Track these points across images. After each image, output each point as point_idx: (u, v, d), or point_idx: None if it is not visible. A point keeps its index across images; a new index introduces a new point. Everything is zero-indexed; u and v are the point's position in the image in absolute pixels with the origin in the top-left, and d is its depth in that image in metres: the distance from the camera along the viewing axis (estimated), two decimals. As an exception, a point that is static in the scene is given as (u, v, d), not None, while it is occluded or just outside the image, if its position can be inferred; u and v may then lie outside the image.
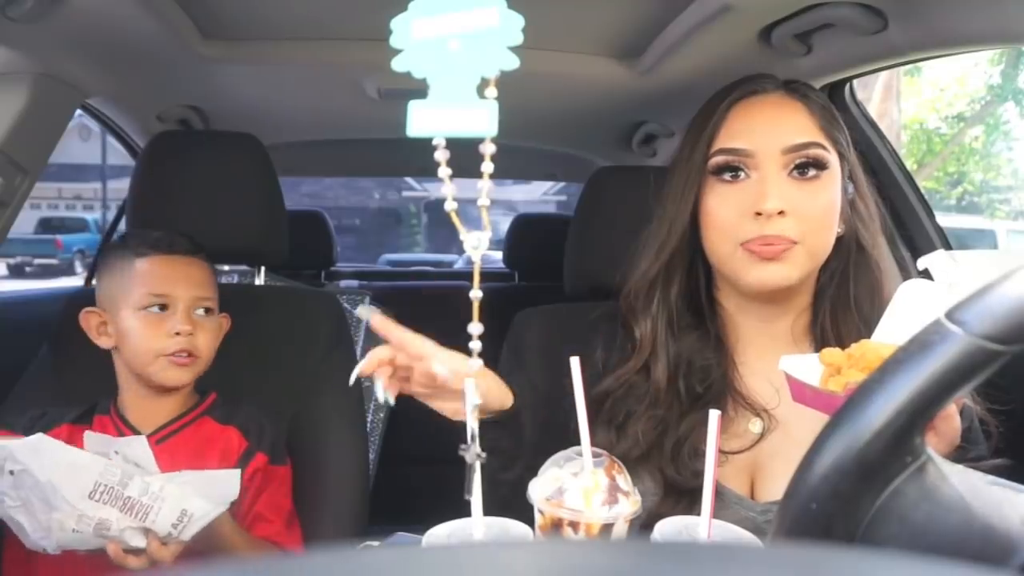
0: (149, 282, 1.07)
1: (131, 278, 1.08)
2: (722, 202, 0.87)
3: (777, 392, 0.88)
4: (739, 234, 0.85)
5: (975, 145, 10.34)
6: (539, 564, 0.21)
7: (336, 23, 1.31)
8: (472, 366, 0.53)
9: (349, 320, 1.81)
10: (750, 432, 0.87)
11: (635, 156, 1.98)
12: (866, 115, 1.46)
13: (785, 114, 0.87)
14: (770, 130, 0.86)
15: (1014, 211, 11.53)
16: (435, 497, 1.07)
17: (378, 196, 15.50)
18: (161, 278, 1.08)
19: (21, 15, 1.00)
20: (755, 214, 0.83)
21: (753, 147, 0.85)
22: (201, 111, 1.75)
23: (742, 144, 0.86)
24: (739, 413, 0.88)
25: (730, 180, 0.86)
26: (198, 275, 1.12)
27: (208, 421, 1.11)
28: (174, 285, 1.08)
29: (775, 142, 0.85)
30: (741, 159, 0.86)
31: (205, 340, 1.10)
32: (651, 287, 0.92)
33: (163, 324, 1.06)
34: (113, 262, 1.11)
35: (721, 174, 0.87)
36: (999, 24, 0.96)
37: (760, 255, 0.84)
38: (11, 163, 1.14)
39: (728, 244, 0.86)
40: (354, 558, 0.21)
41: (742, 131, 0.87)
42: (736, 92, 0.89)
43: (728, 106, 0.89)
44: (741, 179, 0.86)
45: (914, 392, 0.41)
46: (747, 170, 0.86)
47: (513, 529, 0.62)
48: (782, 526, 0.44)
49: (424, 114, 0.43)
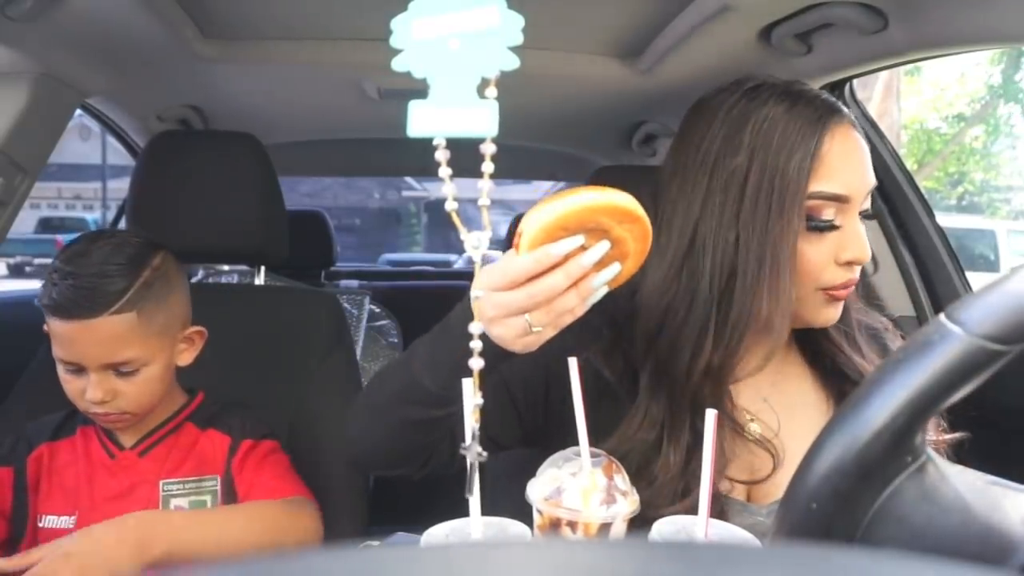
0: (57, 346, 0.96)
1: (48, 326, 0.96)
2: (814, 249, 0.80)
3: (765, 400, 0.87)
4: (824, 279, 0.81)
5: (975, 145, 10.34)
6: (537, 564, 0.21)
7: (336, 23, 1.31)
8: (472, 366, 0.53)
9: (349, 320, 1.82)
10: (753, 433, 0.86)
11: (635, 156, 1.98)
12: (866, 115, 1.46)
13: (864, 150, 0.82)
14: (862, 170, 0.81)
15: (1014, 211, 11.53)
16: (435, 497, 1.08)
17: (378, 196, 15.50)
18: (65, 344, 0.95)
19: (21, 14, 1.00)
20: (846, 263, 0.80)
21: (850, 193, 0.79)
22: (201, 111, 1.75)
23: (842, 190, 0.79)
24: (735, 441, 0.84)
25: (825, 231, 0.80)
26: (110, 336, 0.94)
27: (191, 427, 1.07)
28: (78, 353, 0.95)
29: (866, 185, 0.81)
30: (837, 205, 0.79)
31: (133, 397, 0.97)
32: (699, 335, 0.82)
33: (79, 383, 0.96)
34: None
35: (819, 227, 0.79)
36: (999, 24, 0.96)
37: (838, 298, 0.82)
38: (11, 163, 1.14)
39: (808, 288, 0.81)
40: (354, 558, 0.21)
41: (843, 171, 0.79)
42: (827, 116, 0.80)
43: (822, 133, 0.79)
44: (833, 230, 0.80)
45: (914, 392, 0.41)
46: (837, 219, 0.80)
47: (511, 529, 0.62)
48: (782, 526, 0.44)
49: (424, 114, 0.43)
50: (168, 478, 1.02)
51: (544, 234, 0.63)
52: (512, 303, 0.64)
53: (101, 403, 0.95)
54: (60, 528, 1.00)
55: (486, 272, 0.65)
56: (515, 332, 0.65)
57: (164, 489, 1.02)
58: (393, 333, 2.33)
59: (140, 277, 0.97)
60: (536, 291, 0.63)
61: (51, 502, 1.02)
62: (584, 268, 0.63)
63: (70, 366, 0.96)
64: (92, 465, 1.03)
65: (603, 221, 0.63)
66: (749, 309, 0.80)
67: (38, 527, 1.01)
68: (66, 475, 1.03)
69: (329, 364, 1.29)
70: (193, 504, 1.03)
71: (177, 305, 1.03)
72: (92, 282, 0.94)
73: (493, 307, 0.65)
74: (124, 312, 0.94)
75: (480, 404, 0.54)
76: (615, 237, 0.65)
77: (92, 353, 0.94)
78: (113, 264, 0.96)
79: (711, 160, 0.81)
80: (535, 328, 0.65)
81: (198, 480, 1.03)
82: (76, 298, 0.93)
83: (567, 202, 0.63)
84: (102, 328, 0.93)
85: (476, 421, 0.53)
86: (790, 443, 0.85)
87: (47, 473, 1.03)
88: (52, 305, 0.94)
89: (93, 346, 0.94)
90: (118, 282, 0.95)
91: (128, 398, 0.97)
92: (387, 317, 2.34)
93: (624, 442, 0.81)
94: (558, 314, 0.64)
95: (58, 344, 0.95)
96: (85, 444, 1.04)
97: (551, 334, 0.67)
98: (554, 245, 0.62)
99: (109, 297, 0.94)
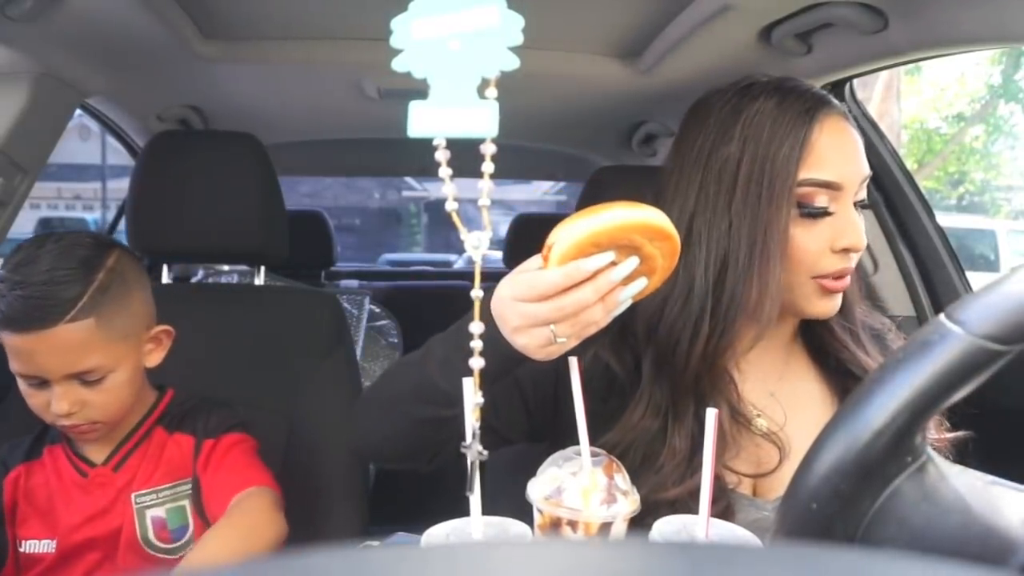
0: (15, 360, 0.90)
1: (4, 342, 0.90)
2: (808, 235, 0.81)
3: (772, 395, 0.88)
4: (817, 267, 0.81)
5: (976, 145, 10.33)
6: (537, 563, 0.21)
7: (336, 23, 1.31)
8: (472, 366, 0.53)
9: (349, 320, 1.82)
10: (756, 447, 0.86)
11: (635, 156, 1.98)
12: (866, 115, 1.46)
13: (856, 140, 0.84)
14: (855, 158, 0.82)
15: (1015, 211, 11.52)
16: (435, 497, 1.07)
17: (378, 196, 15.49)
18: (23, 357, 0.89)
19: (21, 14, 1.00)
20: (842, 250, 0.81)
21: (842, 179, 0.81)
22: (201, 111, 1.75)
23: (833, 177, 0.80)
24: (742, 434, 0.85)
25: (818, 217, 0.81)
26: (71, 344, 0.89)
27: (159, 432, 1.02)
28: (38, 365, 0.89)
29: (858, 173, 0.82)
30: (829, 192, 0.81)
31: (102, 403, 0.93)
32: (695, 324, 0.83)
33: (44, 396, 0.91)
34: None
35: (812, 213, 0.81)
36: (999, 24, 0.96)
37: (832, 289, 0.82)
38: (11, 163, 1.14)
39: (802, 276, 0.82)
40: (354, 558, 0.21)
41: (834, 159, 0.81)
42: (821, 107, 0.82)
43: (811, 123, 0.81)
44: (824, 216, 0.81)
45: (914, 392, 0.41)
46: (830, 206, 0.81)
47: (512, 528, 0.62)
48: (782, 526, 0.44)
49: (424, 114, 0.43)
50: (136, 489, 0.98)
51: (576, 249, 0.63)
52: (539, 314, 0.65)
53: (68, 415, 0.91)
54: (41, 552, 0.97)
55: (513, 283, 0.66)
56: (539, 342, 0.66)
57: (137, 501, 0.98)
58: (393, 333, 2.32)
59: (94, 281, 0.91)
60: (564, 304, 0.64)
61: (29, 526, 0.99)
62: (613, 284, 0.64)
63: (32, 380, 0.91)
64: (64, 485, 0.99)
65: (635, 239, 0.64)
66: (740, 294, 0.81)
67: (19, 552, 0.98)
68: (40, 497, 0.99)
69: (329, 364, 1.29)
70: (171, 511, 0.99)
71: (138, 304, 0.97)
72: (42, 291, 0.88)
73: (519, 317, 0.65)
74: (80, 320, 0.88)
75: (480, 404, 0.54)
76: (645, 254, 0.66)
77: (52, 364, 0.89)
78: (63, 269, 0.89)
79: (705, 154, 0.83)
80: (559, 339, 0.66)
81: (172, 486, 1.00)
82: (27, 309, 0.87)
83: (601, 219, 0.63)
84: (59, 338, 0.88)
85: (476, 420, 0.53)
86: (796, 437, 0.85)
87: (23, 496, 0.99)
88: (2, 318, 0.88)
89: (52, 357, 0.88)
90: (71, 288, 0.89)
91: (96, 407, 0.92)
92: (387, 317, 2.34)
93: (628, 431, 0.82)
94: (583, 326, 0.66)
95: (15, 358, 0.90)
96: (54, 464, 1.00)
97: (574, 344, 0.68)
98: (586, 261, 0.63)
99: (63, 305, 0.88)
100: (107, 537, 0.98)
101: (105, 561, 0.98)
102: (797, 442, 0.85)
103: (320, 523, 1.16)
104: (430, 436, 0.79)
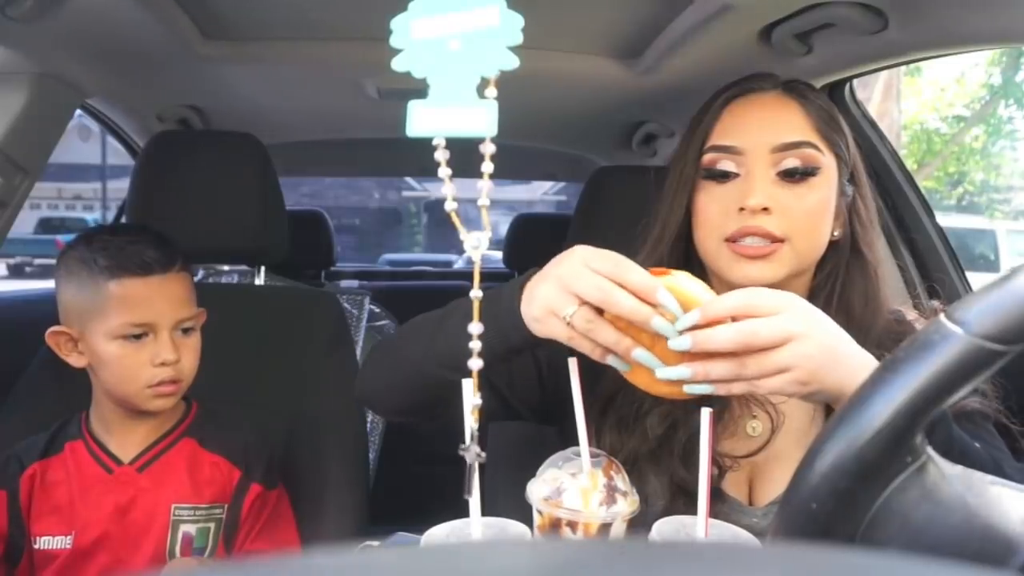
0: (126, 311, 0.95)
1: (105, 301, 0.95)
2: (710, 199, 0.87)
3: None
4: (723, 230, 0.85)
5: (975, 145, 10.33)
6: (537, 564, 0.21)
7: (336, 23, 1.31)
8: (472, 366, 0.53)
9: (349, 320, 1.82)
10: (751, 434, 0.87)
11: (635, 156, 1.98)
12: (866, 115, 1.46)
13: (779, 113, 0.87)
14: (762, 128, 0.86)
15: (1014, 211, 11.52)
16: (435, 497, 1.08)
17: (378, 196, 15.50)
18: (140, 305, 0.95)
19: (21, 15, 1.00)
20: (739, 209, 0.84)
21: (743, 144, 0.85)
22: (201, 111, 1.75)
23: (733, 141, 0.86)
24: (744, 412, 0.87)
25: (721, 181, 0.87)
26: (179, 292, 0.99)
27: (191, 444, 1.04)
28: (155, 311, 0.96)
29: (765, 140, 0.85)
30: (732, 157, 0.86)
31: (190, 361, 1.00)
32: None
33: (144, 352, 0.96)
34: (81, 277, 0.97)
35: (713, 174, 0.87)
36: (999, 24, 0.96)
37: (743, 254, 0.84)
38: (11, 163, 1.14)
39: (713, 240, 0.86)
40: (354, 558, 0.21)
41: (734, 128, 0.87)
42: (733, 90, 0.90)
43: (723, 104, 0.89)
44: (731, 179, 0.86)
45: (914, 392, 0.41)
46: (737, 169, 0.86)
47: (511, 529, 0.62)
48: (782, 526, 0.44)
49: (424, 114, 0.43)
50: (178, 502, 1.00)
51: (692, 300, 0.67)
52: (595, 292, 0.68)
53: (172, 364, 0.97)
54: (57, 549, 0.98)
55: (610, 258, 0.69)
56: (552, 311, 0.69)
57: (175, 514, 1.00)
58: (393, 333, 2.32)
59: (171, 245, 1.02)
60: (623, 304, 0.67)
61: (46, 522, 0.99)
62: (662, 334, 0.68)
63: (138, 329, 0.96)
64: (86, 481, 1.00)
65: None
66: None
67: (34, 548, 0.99)
68: (59, 494, 1.00)
69: (329, 364, 1.29)
70: (200, 531, 1.01)
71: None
72: (157, 241, 0.99)
73: (569, 285, 0.68)
74: (184, 272, 1.01)
75: (478, 405, 0.54)
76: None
77: (165, 309, 0.97)
78: (151, 233, 1.01)
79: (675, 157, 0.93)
80: (569, 319, 0.69)
81: (209, 507, 1.02)
82: (147, 253, 0.96)
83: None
84: (173, 284, 0.98)
85: (475, 421, 0.53)
86: (790, 413, 0.86)
87: (40, 493, 1.00)
88: (128, 265, 0.95)
89: (167, 302, 0.97)
90: (169, 244, 1.00)
91: (186, 361, 0.99)
92: (387, 317, 2.34)
93: (618, 380, 0.84)
94: (595, 334, 0.69)
95: (129, 309, 0.95)
96: (76, 460, 1.01)
97: (571, 335, 0.70)
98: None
99: (173, 256, 1.00)
100: (122, 536, 0.99)
101: (118, 563, 0.98)
102: (798, 441, 0.85)
103: (320, 523, 1.16)
104: (439, 395, 0.82)
